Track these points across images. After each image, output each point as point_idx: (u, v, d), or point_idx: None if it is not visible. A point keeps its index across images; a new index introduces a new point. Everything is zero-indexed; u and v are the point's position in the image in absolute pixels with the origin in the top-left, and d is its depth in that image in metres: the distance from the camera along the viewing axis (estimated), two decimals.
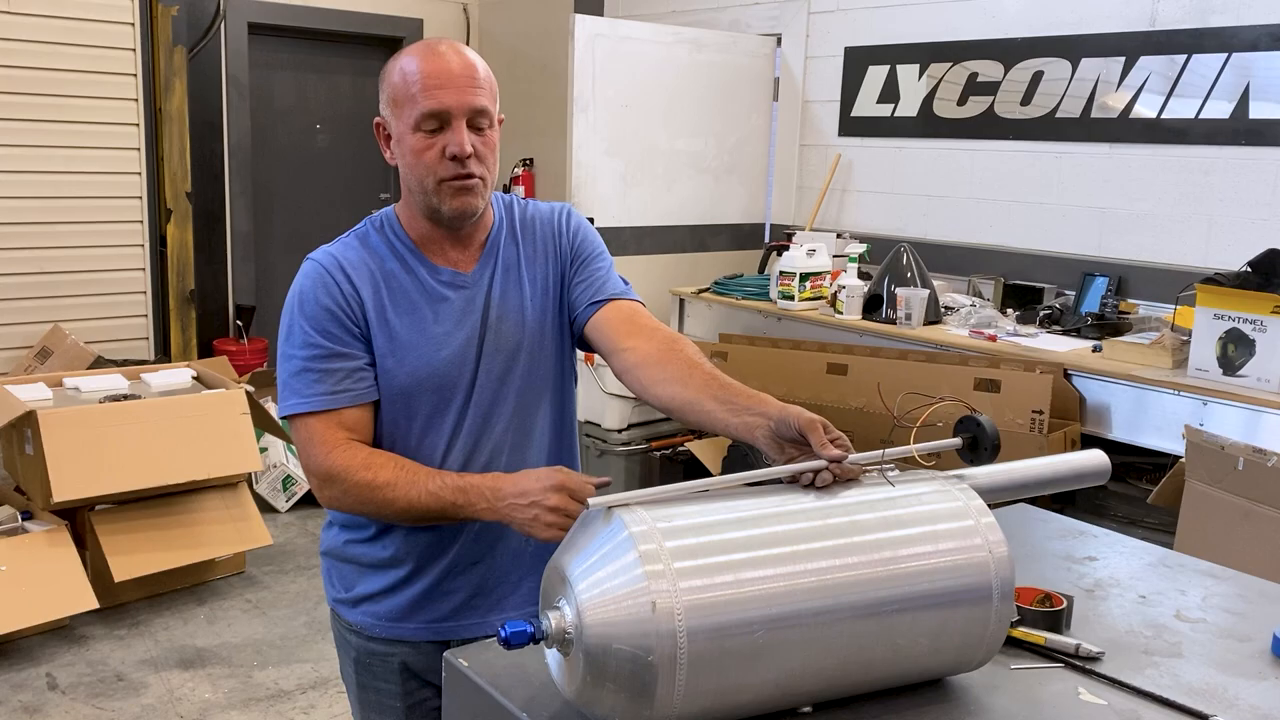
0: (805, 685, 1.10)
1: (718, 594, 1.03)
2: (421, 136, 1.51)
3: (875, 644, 1.11)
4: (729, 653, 1.03)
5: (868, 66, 5.47)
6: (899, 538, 1.15)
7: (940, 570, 1.13)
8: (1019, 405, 3.80)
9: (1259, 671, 1.29)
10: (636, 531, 1.04)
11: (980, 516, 1.19)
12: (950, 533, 1.16)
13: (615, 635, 1.01)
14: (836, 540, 1.12)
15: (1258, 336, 3.39)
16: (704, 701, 1.04)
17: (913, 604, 1.12)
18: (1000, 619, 1.16)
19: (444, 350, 1.57)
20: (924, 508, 1.19)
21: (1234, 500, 3.13)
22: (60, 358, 4.88)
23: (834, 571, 1.09)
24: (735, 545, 1.07)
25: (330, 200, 6.73)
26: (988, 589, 1.15)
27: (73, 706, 3.19)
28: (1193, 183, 4.30)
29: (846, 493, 1.18)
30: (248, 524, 3.99)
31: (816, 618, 1.07)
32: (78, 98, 5.15)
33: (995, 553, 1.16)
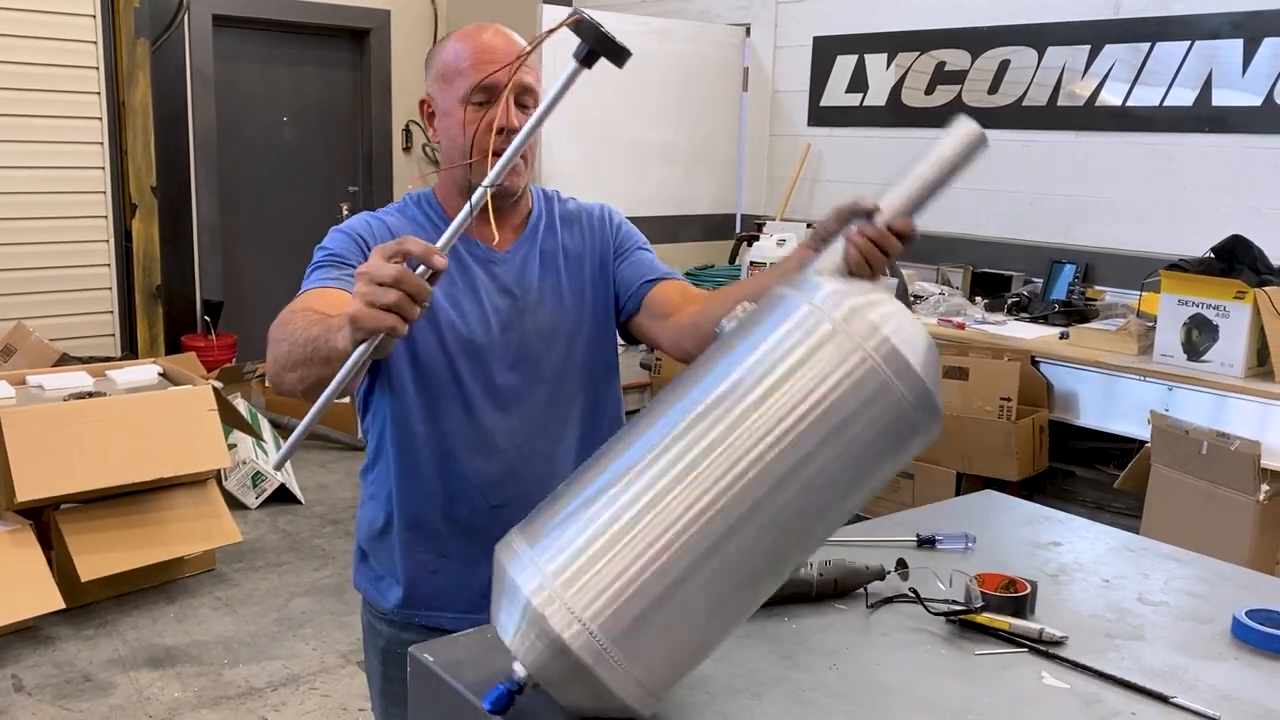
0: (757, 588, 1.06)
1: (603, 577, 0.99)
2: (470, 110, 1.54)
3: (799, 517, 1.03)
4: (649, 615, 0.99)
5: (836, 56, 5.48)
6: (757, 407, 1.02)
7: (818, 408, 1.01)
8: (987, 393, 3.83)
9: (1219, 653, 1.30)
10: (521, 579, 1.02)
11: (848, 322, 1.03)
12: (816, 360, 1.03)
13: (542, 664, 1.01)
14: (690, 454, 1.02)
15: (1221, 322, 3.43)
16: (665, 661, 1.02)
17: (812, 462, 1.01)
18: (915, 394, 1.04)
19: (470, 317, 1.57)
20: (779, 356, 1.06)
21: (1198, 484, 3.17)
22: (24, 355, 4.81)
23: (702, 485, 1.00)
24: (599, 522, 1.02)
25: (298, 193, 6.67)
26: (885, 388, 1.02)
27: (39, 708, 3.15)
28: (1158, 170, 4.34)
29: (679, 397, 1.08)
30: (217, 521, 3.95)
31: (715, 533, 1.00)
32: (38, 91, 5.07)
33: (880, 353, 1.02)
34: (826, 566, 1.41)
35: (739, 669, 1.22)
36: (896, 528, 1.68)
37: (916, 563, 1.46)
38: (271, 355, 1.38)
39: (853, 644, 1.29)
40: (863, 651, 1.27)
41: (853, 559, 1.44)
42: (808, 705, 1.15)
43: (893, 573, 1.43)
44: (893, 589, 1.42)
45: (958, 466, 3.92)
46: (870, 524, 1.77)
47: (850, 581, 1.41)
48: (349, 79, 6.87)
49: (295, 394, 1.37)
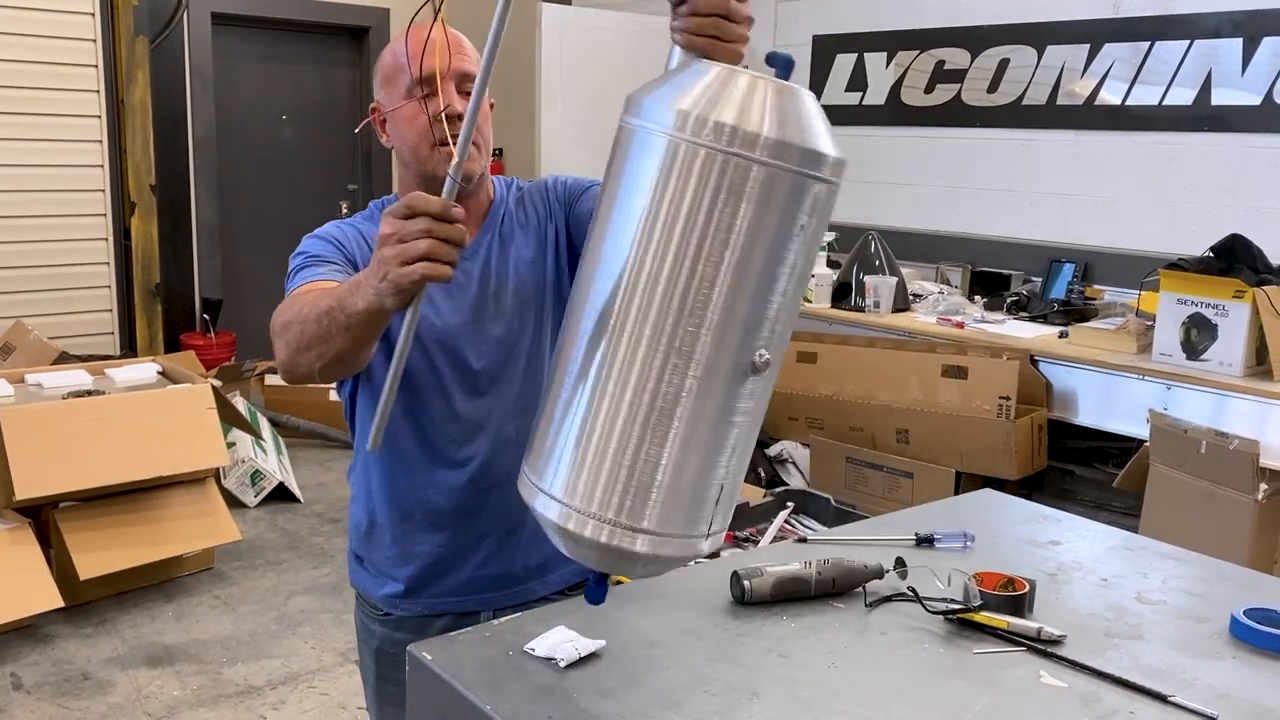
0: (733, 393, 1.06)
1: (596, 473, 1.05)
2: (413, 104, 1.55)
3: (737, 319, 1.02)
4: (654, 483, 1.04)
5: (835, 55, 5.48)
6: (645, 257, 1.02)
7: (696, 225, 0.99)
8: (986, 392, 3.83)
9: (1217, 652, 1.31)
10: (541, 508, 1.11)
11: (679, 127, 1.00)
12: (664, 179, 1.01)
13: (598, 563, 1.13)
14: (612, 330, 1.04)
15: (1220, 321, 3.43)
16: (693, 504, 1.07)
17: (719, 273, 1.00)
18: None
19: (442, 308, 1.58)
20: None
21: (1197, 483, 3.17)
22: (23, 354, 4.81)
23: (635, 348, 1.02)
24: (572, 430, 1.07)
25: (297, 192, 6.66)
26: (740, 169, 0.98)
27: (38, 706, 3.15)
28: (1157, 169, 4.34)
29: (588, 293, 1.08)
30: (215, 519, 3.95)
31: (669, 382, 1.02)
32: (38, 89, 5.07)
33: (715, 140, 0.98)
34: (825, 565, 1.41)
35: (738, 667, 1.22)
36: (895, 526, 1.68)
37: (915, 561, 1.46)
38: (281, 343, 1.38)
39: (851, 643, 1.29)
40: (861, 650, 1.27)
41: (851, 558, 1.44)
42: (806, 704, 1.15)
43: (891, 571, 1.43)
44: (891, 588, 1.42)
45: (956, 465, 3.92)
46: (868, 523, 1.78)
47: (848, 580, 1.41)
48: (348, 77, 6.87)
49: (313, 375, 1.37)
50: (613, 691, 1.16)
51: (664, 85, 1.06)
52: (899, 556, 1.45)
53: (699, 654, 1.24)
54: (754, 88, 1.01)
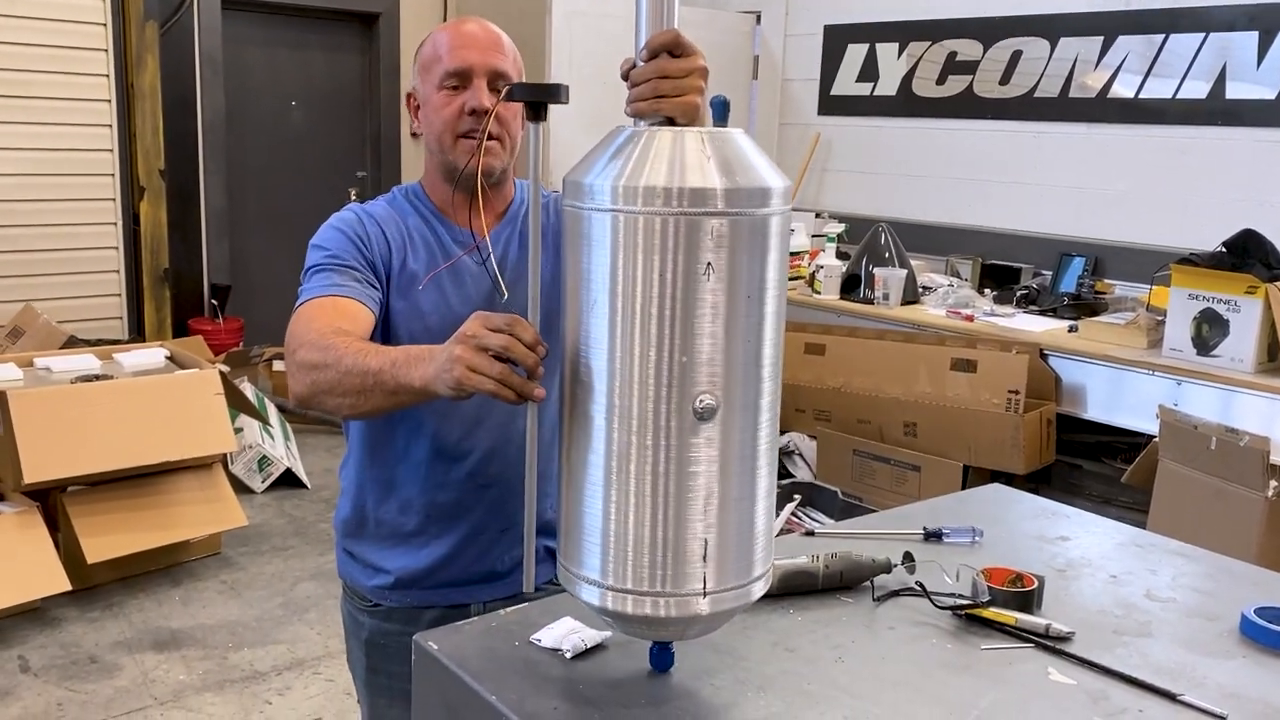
0: (751, 458, 1.08)
1: (623, 552, 1.06)
2: (444, 94, 1.58)
3: (722, 367, 1.03)
4: (680, 550, 1.05)
5: (847, 45, 5.45)
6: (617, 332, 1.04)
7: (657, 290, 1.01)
8: (995, 385, 3.82)
9: (1227, 650, 1.30)
10: (583, 594, 1.12)
11: (610, 199, 1.02)
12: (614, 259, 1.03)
13: (649, 633, 1.15)
14: (593, 422, 1.06)
15: (1231, 317, 3.42)
16: (737, 559, 1.08)
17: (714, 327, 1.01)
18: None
19: (454, 302, 1.58)
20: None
21: (1207, 480, 3.16)
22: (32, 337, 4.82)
23: (624, 433, 1.04)
24: (589, 516, 1.08)
25: (305, 177, 6.66)
26: (693, 226, 0.99)
27: (45, 689, 3.17)
28: (1170, 163, 4.31)
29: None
30: (223, 505, 3.96)
31: (671, 454, 1.03)
32: (48, 73, 5.07)
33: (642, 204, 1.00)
34: (832, 559, 1.40)
35: (744, 661, 1.21)
36: (903, 521, 1.67)
37: (923, 556, 1.46)
38: (306, 377, 1.36)
39: (858, 637, 1.29)
40: (868, 645, 1.27)
41: (859, 552, 1.43)
42: (813, 698, 1.14)
43: (899, 566, 1.43)
44: (899, 582, 1.41)
45: (964, 459, 3.91)
46: (877, 517, 1.77)
47: (856, 574, 1.41)
48: (358, 63, 6.85)
49: (334, 413, 1.40)
50: (618, 683, 1.16)
51: (596, 161, 1.07)
52: (907, 551, 1.45)
53: (705, 647, 1.23)
54: (660, 141, 1.03)
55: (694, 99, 1.14)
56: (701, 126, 1.11)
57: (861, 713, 1.12)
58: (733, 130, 1.08)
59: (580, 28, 4.98)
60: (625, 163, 1.02)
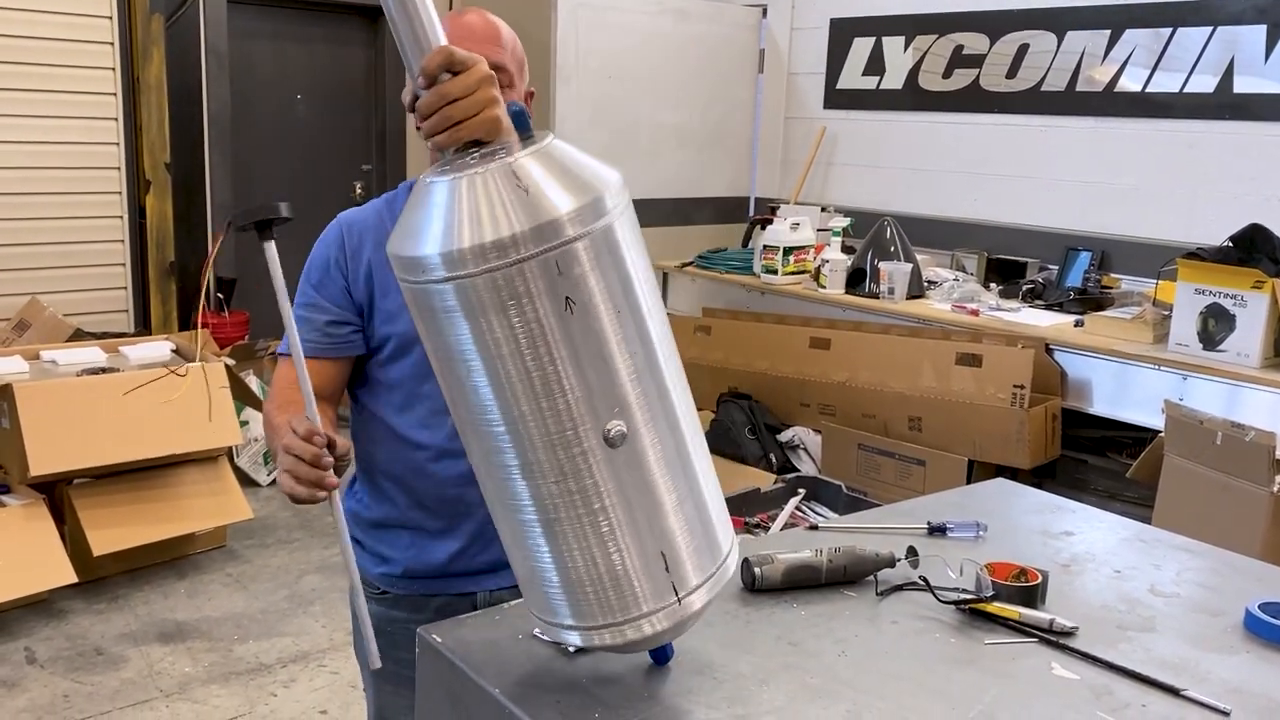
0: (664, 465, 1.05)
1: (576, 588, 1.06)
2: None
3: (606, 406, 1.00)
4: (629, 568, 1.04)
5: (853, 38, 5.44)
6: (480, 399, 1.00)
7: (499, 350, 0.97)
8: (1001, 380, 3.81)
9: (1231, 646, 1.30)
10: (562, 636, 1.13)
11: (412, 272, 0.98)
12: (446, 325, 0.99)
13: (628, 649, 1.14)
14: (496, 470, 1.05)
15: (1238, 312, 3.40)
16: (690, 564, 1.08)
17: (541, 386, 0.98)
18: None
19: None
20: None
21: (1212, 475, 3.15)
22: (38, 330, 4.82)
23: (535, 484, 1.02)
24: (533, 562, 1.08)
25: (311, 171, 6.66)
26: (509, 282, 0.94)
27: (51, 680, 3.18)
28: (1177, 157, 4.30)
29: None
30: (228, 498, 3.97)
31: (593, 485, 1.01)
32: (54, 66, 5.07)
33: (455, 270, 0.94)
34: (836, 554, 1.40)
35: (747, 655, 1.21)
36: (907, 515, 1.67)
37: (927, 551, 1.45)
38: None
39: (862, 631, 1.29)
40: (872, 639, 1.27)
41: (862, 546, 1.43)
42: (816, 692, 1.14)
43: (903, 560, 1.43)
44: (903, 577, 1.41)
45: (969, 453, 3.91)
46: (881, 511, 1.77)
47: (860, 569, 1.41)
48: (363, 57, 6.85)
49: None
50: (621, 677, 1.16)
51: (411, 231, 0.99)
52: (911, 545, 1.45)
53: (708, 641, 1.23)
54: (462, 194, 0.95)
55: (492, 113, 1.05)
56: (507, 137, 1.04)
57: (864, 707, 1.12)
58: (542, 142, 1.00)
59: (586, 21, 4.97)
60: (444, 224, 0.95)
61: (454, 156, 1.05)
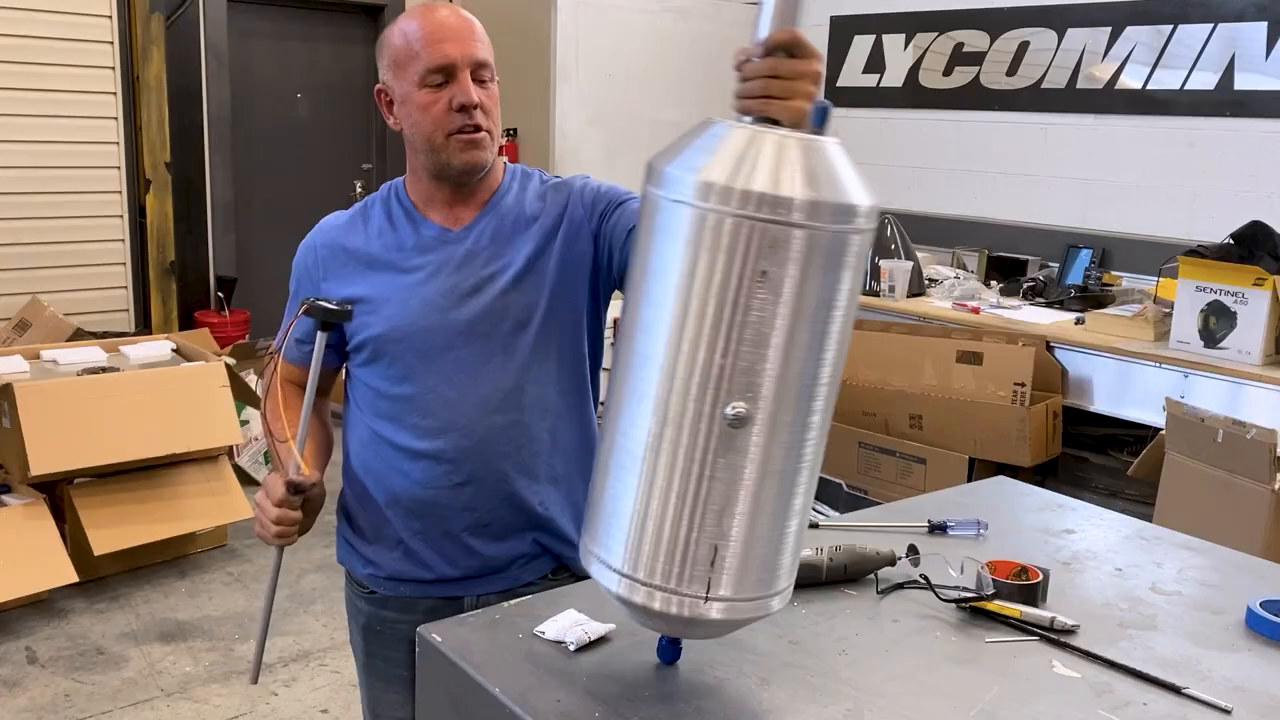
0: (799, 467, 1.07)
1: (660, 543, 1.05)
2: (427, 92, 1.53)
3: (803, 388, 1.03)
4: (716, 550, 1.03)
5: (853, 36, 5.43)
6: (700, 336, 1.00)
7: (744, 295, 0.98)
8: (1001, 377, 3.81)
9: (1232, 644, 1.29)
10: (602, 579, 1.11)
11: (704, 197, 0.98)
12: (706, 254, 0.99)
13: (663, 628, 1.15)
14: (667, 405, 1.02)
15: (1239, 309, 3.40)
16: (757, 571, 1.07)
17: (780, 341, 0.99)
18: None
19: (413, 301, 1.56)
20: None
21: (1213, 472, 3.15)
22: (39, 330, 4.82)
23: (691, 427, 1.01)
24: (632, 499, 1.06)
25: (312, 170, 6.66)
26: (782, 238, 0.96)
27: (52, 680, 3.18)
28: (1177, 154, 4.30)
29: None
30: (229, 497, 3.96)
31: (731, 458, 1.01)
32: (53, 65, 5.06)
33: (751, 210, 0.96)
34: (836, 552, 1.40)
35: (747, 654, 1.21)
36: (907, 513, 1.67)
37: (927, 549, 1.45)
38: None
39: (862, 630, 1.28)
40: (872, 637, 1.27)
41: (863, 544, 1.43)
42: (816, 691, 1.14)
43: (903, 559, 1.42)
44: (903, 575, 1.41)
45: (970, 451, 3.91)
46: (881, 509, 1.77)
47: (860, 567, 1.40)
48: (363, 55, 6.84)
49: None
50: (621, 676, 1.16)
51: (683, 151, 1.03)
52: (911, 544, 1.44)
53: (709, 639, 1.23)
54: (749, 142, 1.00)
55: (802, 104, 1.10)
56: (802, 129, 1.07)
57: (865, 705, 1.11)
58: (827, 140, 1.04)
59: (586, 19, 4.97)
60: (711, 158, 1.00)
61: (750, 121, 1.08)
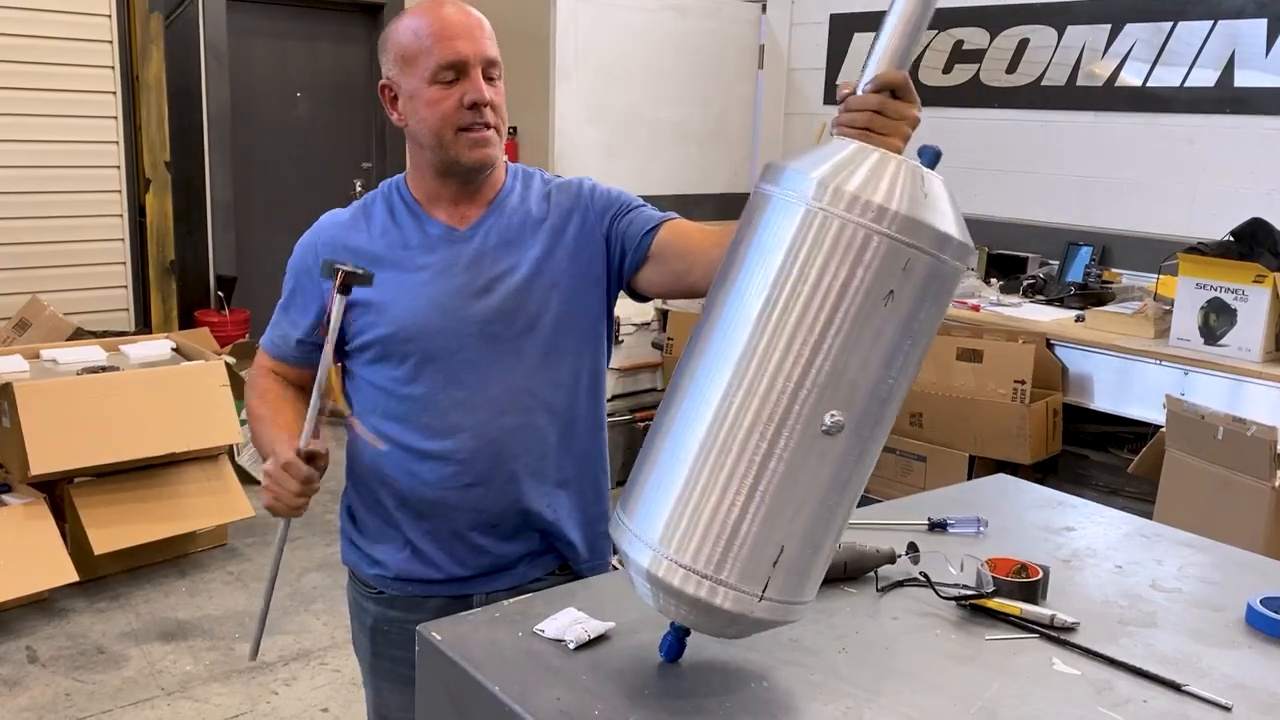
0: (851, 477, 1.07)
1: (698, 524, 1.04)
2: (438, 88, 1.52)
3: (875, 408, 1.04)
4: (752, 542, 1.03)
5: (853, 33, 5.43)
6: (784, 324, 1.02)
7: (844, 299, 1.01)
8: (1001, 375, 3.81)
9: (1232, 641, 1.29)
10: (633, 553, 1.09)
11: (832, 202, 1.01)
12: (816, 252, 1.02)
13: (684, 616, 1.12)
14: (739, 391, 1.03)
15: (1239, 306, 3.40)
16: (790, 572, 1.05)
17: (862, 347, 1.01)
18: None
19: (421, 300, 1.56)
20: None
21: (1213, 470, 3.15)
22: (39, 329, 4.82)
23: (764, 414, 1.02)
24: (679, 479, 1.06)
25: (311, 169, 6.65)
26: (897, 255, 1.00)
27: (53, 679, 3.18)
28: (1177, 151, 4.29)
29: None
30: (229, 496, 3.97)
31: (794, 452, 1.02)
32: (53, 65, 5.06)
33: (877, 221, 1.00)
34: (836, 550, 1.39)
35: (747, 651, 1.21)
36: (907, 511, 1.67)
37: (927, 546, 1.45)
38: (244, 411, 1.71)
39: (862, 627, 1.28)
40: (872, 635, 1.27)
41: (863, 542, 1.43)
42: (816, 688, 1.14)
43: (903, 556, 1.42)
44: (903, 573, 1.41)
45: (970, 449, 3.91)
46: (881, 507, 1.77)
47: (860, 564, 1.40)
48: (363, 55, 6.84)
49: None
50: (620, 674, 1.16)
51: (805, 157, 1.07)
52: (911, 541, 1.44)
53: (708, 637, 1.23)
54: (913, 174, 1.03)
55: (899, 144, 1.16)
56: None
57: (865, 703, 1.11)
58: (937, 176, 1.09)
59: (586, 17, 4.96)
60: (845, 169, 1.03)
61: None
